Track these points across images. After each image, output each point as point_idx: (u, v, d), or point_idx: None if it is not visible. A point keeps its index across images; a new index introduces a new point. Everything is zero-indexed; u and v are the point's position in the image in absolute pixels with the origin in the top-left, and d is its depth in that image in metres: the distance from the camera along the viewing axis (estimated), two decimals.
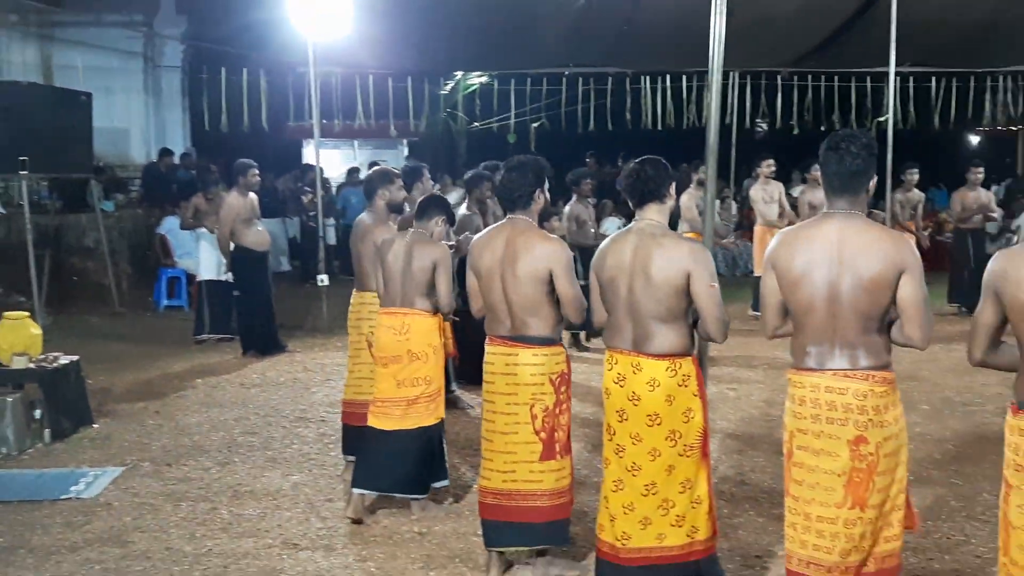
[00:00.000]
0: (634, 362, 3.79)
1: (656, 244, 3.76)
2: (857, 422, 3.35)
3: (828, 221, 3.44)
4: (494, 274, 4.31)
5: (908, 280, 3.29)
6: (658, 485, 3.78)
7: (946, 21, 11.29)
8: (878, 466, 3.35)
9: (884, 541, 3.45)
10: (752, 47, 11.92)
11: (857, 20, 11.46)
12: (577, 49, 12.70)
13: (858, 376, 3.36)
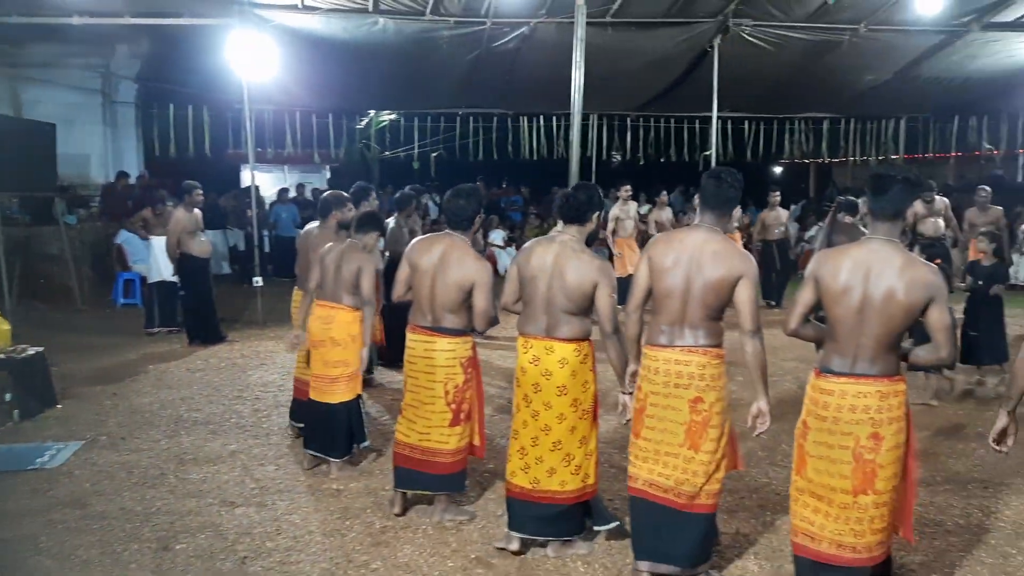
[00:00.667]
0: (547, 345, 3.92)
1: (575, 256, 3.90)
2: (697, 387, 3.57)
3: (696, 231, 3.66)
4: (426, 275, 4.32)
5: (744, 284, 3.51)
6: (563, 442, 3.93)
7: (754, 79, 11.70)
8: (711, 420, 3.58)
9: (715, 482, 3.64)
10: (608, 95, 12.17)
11: (688, 76, 11.78)
12: (469, 93, 12.73)
13: (699, 351, 3.57)
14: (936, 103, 13.49)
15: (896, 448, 3.19)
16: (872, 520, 3.21)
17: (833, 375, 3.23)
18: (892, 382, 3.19)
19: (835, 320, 3.23)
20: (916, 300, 3.10)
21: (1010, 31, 10.57)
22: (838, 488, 3.22)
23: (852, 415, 3.18)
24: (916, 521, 4.43)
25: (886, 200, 3.20)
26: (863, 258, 3.18)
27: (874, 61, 11.36)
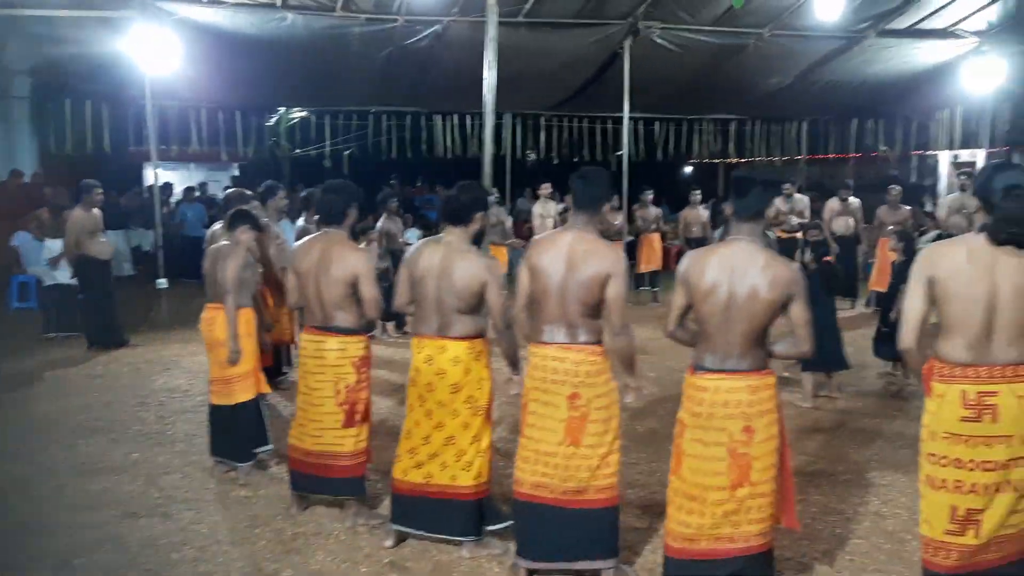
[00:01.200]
0: (440, 344, 3.95)
1: (461, 257, 3.95)
2: (572, 383, 3.62)
3: (567, 232, 3.72)
4: (310, 276, 4.32)
5: (614, 282, 3.58)
6: (456, 438, 3.97)
7: (665, 80, 11.95)
8: (590, 415, 3.63)
9: (604, 477, 3.68)
10: (522, 94, 12.23)
11: (599, 77, 11.94)
12: (382, 91, 12.59)
13: (574, 348, 3.64)
14: (836, 106, 14.04)
15: (769, 440, 3.27)
16: (749, 511, 3.28)
17: (706, 372, 3.32)
18: (762, 376, 3.29)
19: (704, 319, 3.32)
20: (778, 296, 3.20)
21: (904, 38, 11.08)
22: (713, 485, 3.29)
23: (725, 410, 3.26)
24: (820, 511, 4.63)
25: (747, 201, 3.30)
26: (728, 257, 3.27)
27: (778, 65, 11.74)
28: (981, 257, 2.93)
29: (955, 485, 2.98)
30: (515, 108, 13.72)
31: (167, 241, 10.57)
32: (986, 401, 2.90)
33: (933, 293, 3.00)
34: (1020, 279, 2.89)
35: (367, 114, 13.85)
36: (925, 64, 11.93)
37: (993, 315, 2.91)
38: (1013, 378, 2.91)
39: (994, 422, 2.91)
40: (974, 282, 2.92)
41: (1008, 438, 2.91)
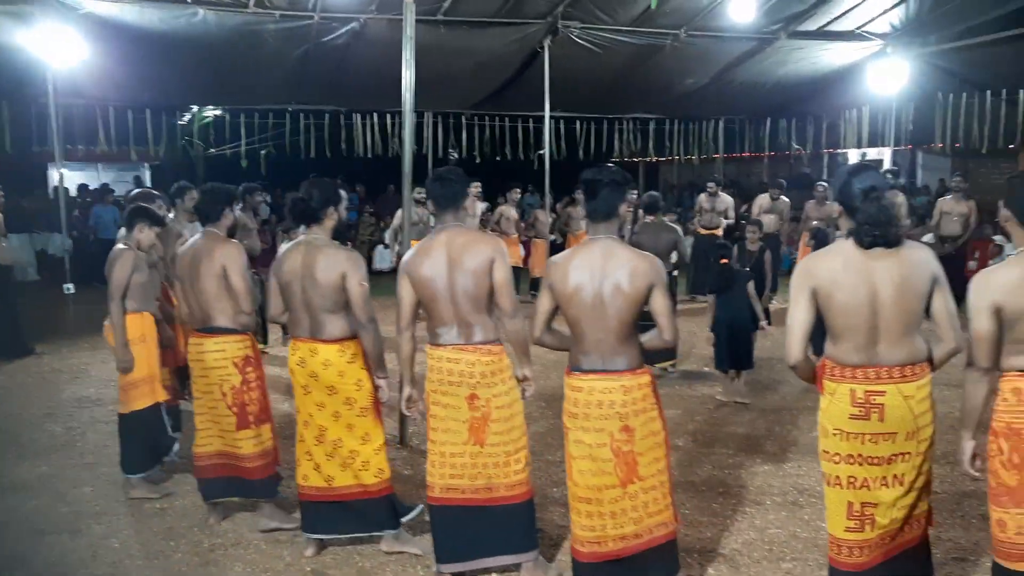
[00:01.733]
0: (311, 347, 3.91)
1: (320, 253, 3.91)
2: (469, 384, 3.63)
3: (439, 235, 3.72)
4: (185, 278, 4.33)
5: (498, 267, 3.61)
6: (343, 440, 3.94)
7: (585, 80, 12.04)
8: (491, 415, 3.65)
9: (513, 474, 3.70)
10: (442, 93, 12.16)
11: (520, 76, 11.96)
12: (298, 89, 12.35)
13: (469, 348, 3.64)
14: (750, 106, 14.40)
15: (651, 436, 3.33)
16: (647, 505, 3.34)
17: (581, 373, 3.34)
18: (635, 375, 3.32)
19: (573, 321, 3.35)
20: (640, 288, 3.26)
21: (813, 39, 11.42)
22: (605, 485, 3.31)
23: (600, 411, 3.29)
24: (738, 501, 4.75)
25: (598, 202, 3.34)
26: (588, 258, 3.31)
27: (694, 65, 11.96)
28: (856, 263, 2.96)
29: (849, 481, 3.05)
30: (436, 107, 13.64)
31: (79, 245, 10.17)
32: (874, 400, 2.97)
33: (816, 303, 3.02)
34: (897, 279, 2.94)
35: (284, 112, 13.57)
36: (833, 65, 12.34)
37: (876, 318, 2.95)
38: (900, 379, 2.97)
39: (881, 421, 2.97)
40: (854, 288, 2.95)
41: (893, 435, 2.99)
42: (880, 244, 2.94)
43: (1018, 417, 2.94)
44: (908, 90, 12.17)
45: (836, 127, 14.60)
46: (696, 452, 5.61)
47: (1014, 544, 2.98)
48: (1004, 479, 2.99)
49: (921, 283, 2.96)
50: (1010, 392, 2.98)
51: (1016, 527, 2.96)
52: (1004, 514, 2.99)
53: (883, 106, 12.95)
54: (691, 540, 4.24)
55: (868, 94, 12.72)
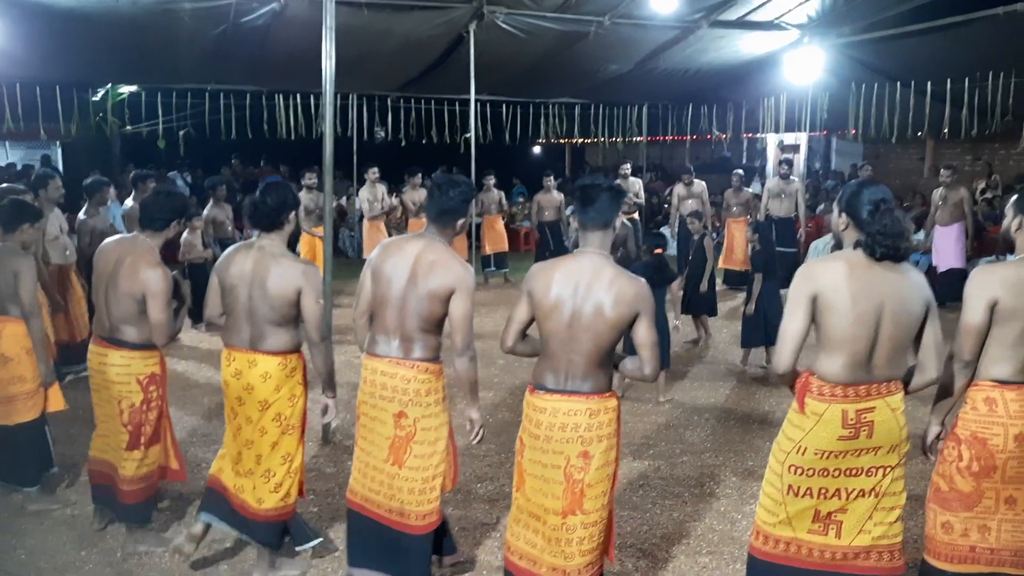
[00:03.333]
0: (250, 359, 3.69)
1: (275, 262, 3.66)
2: (400, 400, 3.47)
3: (418, 240, 3.55)
4: (101, 281, 4.03)
5: (458, 298, 3.43)
6: (263, 457, 3.74)
7: (510, 64, 11.97)
8: (415, 436, 3.49)
9: (427, 503, 3.53)
10: (367, 74, 11.94)
11: (445, 59, 11.81)
12: (218, 69, 11.93)
13: (406, 364, 3.47)
14: (673, 92, 14.53)
15: (605, 466, 3.14)
16: (581, 541, 3.13)
17: (546, 392, 3.16)
18: (603, 399, 3.13)
19: (547, 335, 3.16)
20: (623, 315, 3.05)
21: (733, 28, 11.55)
22: (550, 509, 3.16)
23: (563, 433, 3.11)
24: (659, 495, 4.81)
25: (595, 210, 3.13)
26: (574, 272, 3.10)
27: (618, 52, 11.98)
28: (862, 274, 2.87)
29: (820, 492, 2.98)
30: (360, 89, 13.37)
31: None
32: (864, 419, 2.89)
33: (814, 310, 2.91)
34: (902, 295, 2.87)
35: (203, 92, 13.10)
36: (753, 54, 12.52)
37: (877, 332, 2.86)
38: (887, 393, 2.92)
39: (869, 437, 2.92)
40: (858, 300, 2.85)
41: (877, 448, 2.94)
42: (891, 256, 2.87)
43: (986, 427, 3.02)
44: (823, 79, 12.43)
45: (755, 113, 14.85)
46: None
47: (956, 545, 3.08)
48: (959, 485, 3.07)
49: (919, 305, 2.92)
50: (981, 401, 3.05)
51: (962, 530, 3.06)
52: (952, 517, 3.08)
53: (800, 94, 13.20)
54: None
55: (786, 82, 12.96)
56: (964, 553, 3.08)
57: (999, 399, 3.02)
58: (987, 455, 3.02)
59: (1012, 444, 3.00)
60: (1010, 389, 3.02)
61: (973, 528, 3.07)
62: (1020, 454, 3.01)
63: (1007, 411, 3.01)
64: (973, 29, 9.92)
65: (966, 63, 10.51)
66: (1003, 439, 3.00)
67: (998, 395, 3.02)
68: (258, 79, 12.69)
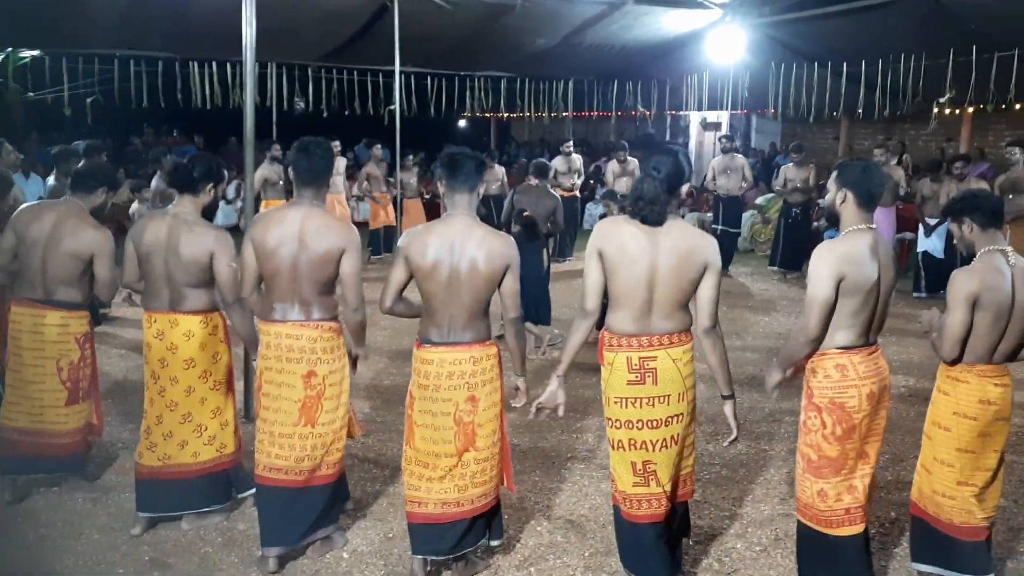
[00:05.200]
0: (171, 319, 3.84)
1: (188, 229, 3.82)
2: (309, 360, 3.61)
3: (295, 208, 3.63)
4: (37, 245, 4.11)
5: (347, 258, 3.59)
6: (193, 414, 3.90)
7: (436, 36, 11.87)
8: (325, 393, 3.66)
9: (335, 452, 3.75)
10: (287, 43, 11.67)
11: (368, 29, 11.63)
12: (129, 35, 11.48)
13: (310, 325, 3.61)
14: (598, 67, 14.66)
15: (492, 407, 3.46)
16: (474, 475, 3.46)
17: (432, 345, 3.43)
18: (484, 347, 3.44)
19: (429, 295, 3.42)
20: (496, 269, 3.37)
21: (657, 6, 11.67)
22: (443, 453, 3.44)
23: (450, 381, 3.40)
24: (589, 465, 4.91)
25: (463, 176, 3.41)
26: (448, 234, 3.37)
27: (544, 26, 12.01)
28: (640, 236, 3.16)
29: (630, 443, 3.27)
30: (280, 57, 13.07)
31: None
32: (647, 365, 3.20)
33: (603, 267, 3.22)
34: (675, 258, 3.14)
35: (112, 58, 12.59)
36: (676, 31, 12.71)
37: (653, 291, 3.16)
38: (669, 345, 3.21)
39: (655, 384, 3.21)
40: (636, 260, 3.15)
41: (666, 397, 3.22)
42: (648, 220, 3.15)
43: (841, 392, 3.23)
44: (745, 58, 12.72)
45: (679, 91, 15.11)
46: (545, 418, 5.72)
47: (834, 511, 3.28)
48: (826, 451, 3.26)
49: (695, 266, 3.17)
50: (833, 369, 3.25)
51: (836, 495, 3.28)
52: (825, 484, 3.28)
53: (722, 73, 13.49)
54: (539, 506, 4.37)
55: (708, 60, 13.20)
56: (841, 516, 3.29)
57: (848, 364, 3.22)
58: (846, 417, 3.22)
59: (865, 403, 3.22)
60: (855, 353, 3.23)
61: (844, 490, 3.27)
62: (871, 411, 3.26)
63: (857, 373, 3.22)
64: (887, 12, 10.27)
65: (880, 45, 10.89)
66: (858, 399, 3.21)
67: (846, 360, 3.22)
68: (172, 46, 12.26)
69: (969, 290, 3.24)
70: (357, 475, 4.65)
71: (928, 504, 3.49)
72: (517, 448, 5.12)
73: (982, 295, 3.23)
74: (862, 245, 3.20)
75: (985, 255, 3.34)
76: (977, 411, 3.33)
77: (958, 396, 3.36)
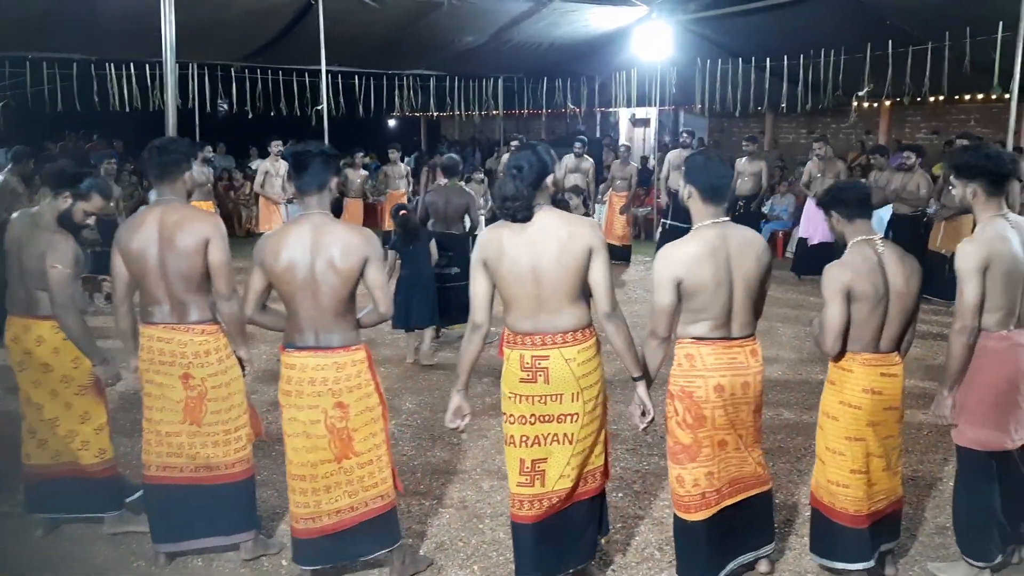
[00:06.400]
0: (25, 324, 3.78)
1: (31, 232, 3.75)
2: (182, 363, 3.56)
3: (153, 208, 3.62)
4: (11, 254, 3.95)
5: (213, 248, 3.52)
6: (60, 419, 3.82)
7: (363, 34, 11.81)
8: (207, 394, 3.60)
9: (233, 452, 3.68)
10: (209, 43, 11.46)
11: (293, 28, 11.50)
12: (41, 36, 11.10)
13: (181, 328, 3.56)
14: (528, 65, 14.76)
15: (367, 411, 3.37)
16: (362, 479, 3.39)
17: (295, 350, 3.34)
18: (349, 352, 3.33)
19: (288, 298, 3.32)
20: (353, 265, 3.26)
21: (584, 3, 11.84)
22: (320, 460, 3.35)
23: (312, 387, 3.30)
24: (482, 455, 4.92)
25: (310, 176, 3.29)
26: (301, 234, 3.27)
27: (472, 24, 12.04)
28: (516, 235, 3.13)
29: (521, 439, 3.22)
30: (201, 58, 12.80)
31: None
32: (539, 364, 3.15)
33: (488, 275, 3.18)
34: (555, 252, 3.09)
35: (23, 60, 12.14)
36: (604, 29, 12.89)
37: (538, 288, 3.11)
38: (563, 344, 3.15)
39: (547, 383, 3.16)
40: (516, 259, 3.11)
41: (559, 395, 3.18)
42: (511, 218, 3.13)
43: (690, 381, 3.29)
44: (672, 54, 12.94)
45: (608, 87, 15.30)
46: (431, 416, 5.68)
47: (692, 496, 3.33)
48: (680, 438, 3.32)
49: (578, 252, 3.11)
50: (684, 358, 3.31)
51: (693, 480, 3.32)
52: (682, 470, 3.33)
53: (650, 69, 13.69)
54: (481, 504, 4.38)
55: (636, 57, 13.40)
56: (699, 501, 3.34)
57: (696, 354, 3.27)
58: (695, 407, 3.26)
59: (713, 394, 3.25)
60: (705, 344, 3.27)
61: (702, 476, 3.31)
62: (722, 403, 3.28)
63: (705, 364, 3.26)
64: (807, 8, 10.58)
65: (801, 41, 11.21)
66: (705, 390, 3.25)
67: (695, 350, 3.27)
68: (88, 47, 11.92)
69: (842, 282, 3.29)
70: None
71: (823, 494, 3.51)
72: (458, 446, 5.13)
73: (854, 286, 3.28)
74: (706, 242, 3.21)
75: (854, 246, 3.37)
76: (862, 400, 3.36)
77: (844, 386, 3.38)
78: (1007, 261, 3.34)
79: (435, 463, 4.93)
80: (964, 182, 3.45)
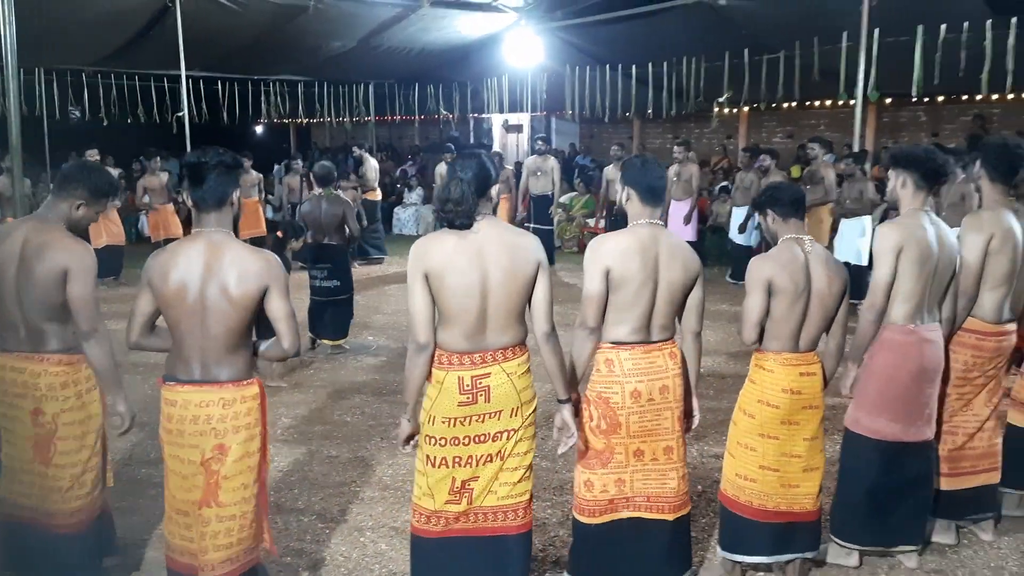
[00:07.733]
0: None
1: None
2: (33, 397, 3.30)
3: (24, 223, 3.42)
4: None
5: (73, 279, 3.22)
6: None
7: (225, 38, 11.49)
8: (58, 432, 3.33)
9: (74, 499, 3.37)
10: (54, 47, 10.85)
11: (149, 31, 11.05)
12: None
13: (35, 358, 3.30)
14: (399, 70, 14.71)
15: (244, 458, 2.98)
16: (216, 535, 2.95)
17: (176, 383, 2.98)
18: (238, 387, 2.97)
19: (173, 324, 2.97)
20: (250, 292, 2.91)
21: (453, 9, 11.91)
22: (190, 500, 2.98)
23: (195, 426, 2.93)
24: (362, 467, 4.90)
25: (207, 190, 2.93)
26: (193, 254, 2.93)
27: (340, 29, 11.91)
28: (463, 244, 2.95)
29: (454, 461, 3.05)
30: (48, 63, 12.10)
31: None
32: (480, 384, 2.99)
33: (430, 287, 2.96)
34: (506, 264, 2.96)
35: None
36: (474, 35, 13.02)
37: (486, 301, 2.95)
38: (504, 360, 3.01)
39: (487, 402, 3.01)
40: (465, 271, 2.93)
41: (499, 412, 3.03)
42: (453, 224, 2.96)
43: (607, 387, 3.29)
44: (542, 61, 13.19)
45: (480, 93, 15.42)
46: (308, 429, 5.62)
47: (598, 501, 3.35)
48: (593, 443, 3.33)
49: (527, 265, 3.00)
50: (603, 363, 3.31)
51: (602, 486, 3.34)
52: (592, 475, 3.34)
53: (521, 75, 13.91)
54: (362, 516, 4.32)
55: (507, 63, 13.57)
56: (604, 506, 3.37)
57: (616, 359, 3.24)
58: (611, 413, 3.25)
59: (629, 400, 3.23)
60: (624, 349, 3.24)
61: (611, 483, 3.30)
62: (639, 409, 3.25)
63: (623, 369, 3.24)
64: (669, 17, 11.00)
65: (665, 49, 11.63)
66: (621, 396, 3.23)
67: (614, 355, 3.25)
68: None
69: (763, 275, 3.42)
70: None
71: (729, 487, 3.56)
72: (336, 459, 5.05)
73: (775, 280, 3.40)
74: (638, 239, 3.23)
75: (782, 243, 3.47)
76: (779, 399, 3.42)
77: (763, 384, 3.45)
78: (921, 248, 3.52)
79: (312, 477, 4.83)
80: (898, 172, 3.65)
